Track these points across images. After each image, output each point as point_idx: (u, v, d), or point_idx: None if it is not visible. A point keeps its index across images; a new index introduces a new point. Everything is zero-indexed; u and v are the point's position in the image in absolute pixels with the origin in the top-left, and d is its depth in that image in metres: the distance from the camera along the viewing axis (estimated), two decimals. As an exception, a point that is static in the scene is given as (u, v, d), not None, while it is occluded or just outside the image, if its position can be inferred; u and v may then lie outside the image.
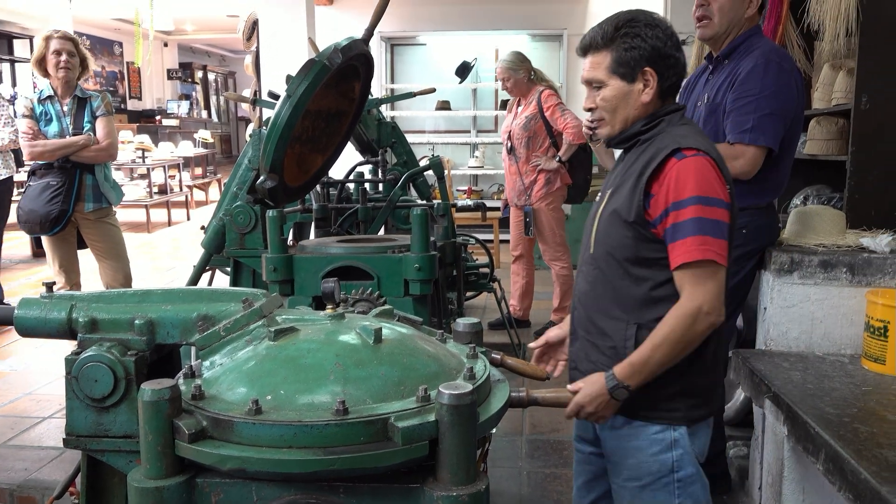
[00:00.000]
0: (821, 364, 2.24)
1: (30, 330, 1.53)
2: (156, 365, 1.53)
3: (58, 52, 3.90)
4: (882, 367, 2.14)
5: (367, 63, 2.86)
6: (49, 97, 3.97)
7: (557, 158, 4.54)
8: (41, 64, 3.96)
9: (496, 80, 8.79)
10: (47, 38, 3.92)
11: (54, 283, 1.61)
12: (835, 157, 3.23)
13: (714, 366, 1.70)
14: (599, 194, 1.79)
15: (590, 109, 1.71)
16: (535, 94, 4.66)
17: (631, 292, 1.63)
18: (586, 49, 1.68)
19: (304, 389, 1.26)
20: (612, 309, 1.66)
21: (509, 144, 4.70)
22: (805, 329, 2.39)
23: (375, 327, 1.39)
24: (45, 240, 4.04)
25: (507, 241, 5.18)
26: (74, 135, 3.93)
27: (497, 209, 6.03)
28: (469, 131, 8.96)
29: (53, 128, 3.94)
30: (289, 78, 2.74)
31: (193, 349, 1.48)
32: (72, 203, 3.90)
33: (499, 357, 1.69)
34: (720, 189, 1.56)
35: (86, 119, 3.99)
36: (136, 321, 1.47)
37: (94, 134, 3.97)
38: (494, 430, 1.52)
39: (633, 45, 1.60)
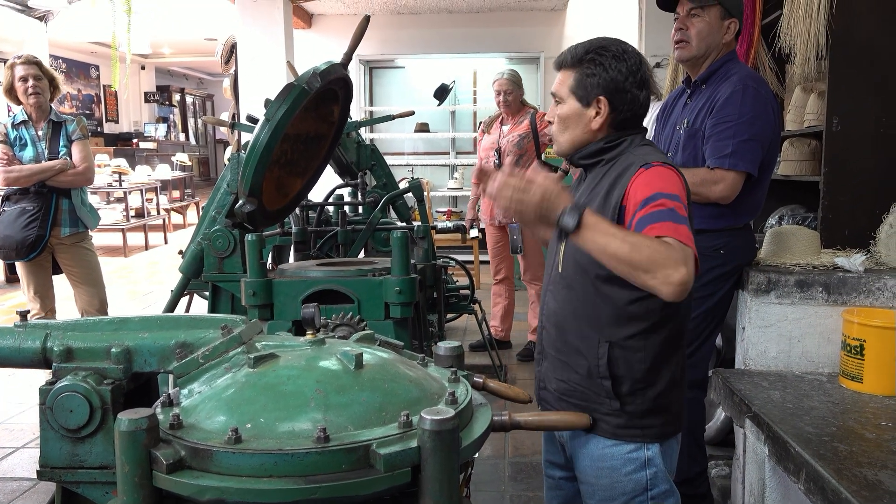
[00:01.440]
0: (799, 383, 2.26)
1: (3, 360, 1.50)
2: (133, 394, 1.50)
3: (24, 79, 3.87)
4: (859, 385, 2.17)
5: (346, 86, 2.86)
6: (23, 122, 3.94)
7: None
8: (11, 92, 3.93)
9: (474, 102, 8.90)
10: (11, 66, 3.90)
11: (28, 311, 1.59)
12: (808, 178, 3.29)
13: (682, 381, 1.73)
14: None
15: (549, 122, 1.77)
16: (525, 114, 4.72)
17: (603, 310, 1.63)
18: (559, 65, 1.73)
19: (285, 417, 1.24)
20: (584, 327, 1.66)
21: (496, 161, 4.71)
22: (783, 348, 2.41)
23: (356, 353, 1.38)
24: (19, 266, 3.98)
25: (488, 262, 5.19)
26: (50, 159, 3.89)
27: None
28: (448, 153, 9.01)
29: (28, 153, 3.90)
30: (267, 102, 2.74)
31: (171, 377, 1.46)
32: (48, 228, 3.85)
33: (481, 381, 1.68)
34: (684, 194, 1.55)
35: (61, 143, 3.96)
36: (113, 349, 1.44)
37: (70, 158, 3.94)
38: (477, 455, 1.51)
39: (594, 72, 1.64)
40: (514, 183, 1.50)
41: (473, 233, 5.17)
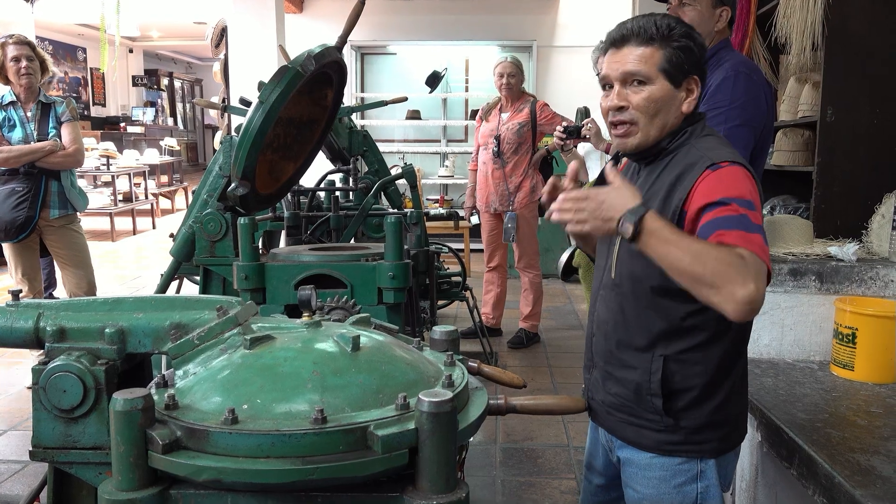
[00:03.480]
0: (791, 370, 2.27)
1: None
2: (126, 375, 1.49)
3: (16, 59, 3.83)
4: (851, 373, 2.18)
5: (340, 71, 2.84)
6: (11, 102, 3.88)
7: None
8: (1, 72, 3.87)
9: (466, 90, 8.86)
10: (3, 45, 3.84)
11: (20, 290, 1.56)
12: (801, 168, 3.30)
13: (744, 390, 1.59)
14: None
15: (619, 108, 1.48)
16: (525, 102, 4.72)
17: (658, 322, 1.48)
18: (628, 39, 1.47)
19: (281, 398, 1.23)
20: (637, 339, 1.51)
21: (495, 148, 4.69)
22: (776, 336, 2.42)
23: (353, 335, 1.37)
24: (6, 247, 3.94)
25: (478, 251, 5.18)
26: (39, 140, 3.84)
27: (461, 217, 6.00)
28: (439, 141, 8.98)
29: (17, 133, 3.85)
30: (261, 84, 2.71)
31: (165, 358, 1.45)
32: (38, 209, 3.82)
33: (476, 365, 1.68)
34: (757, 199, 1.40)
35: (50, 125, 3.91)
36: (107, 330, 1.43)
37: (60, 140, 3.89)
38: (471, 439, 1.50)
39: (688, 46, 1.45)
40: (575, 195, 1.39)
41: (475, 220, 5.14)
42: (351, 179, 3.91)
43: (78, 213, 4.03)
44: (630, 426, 1.56)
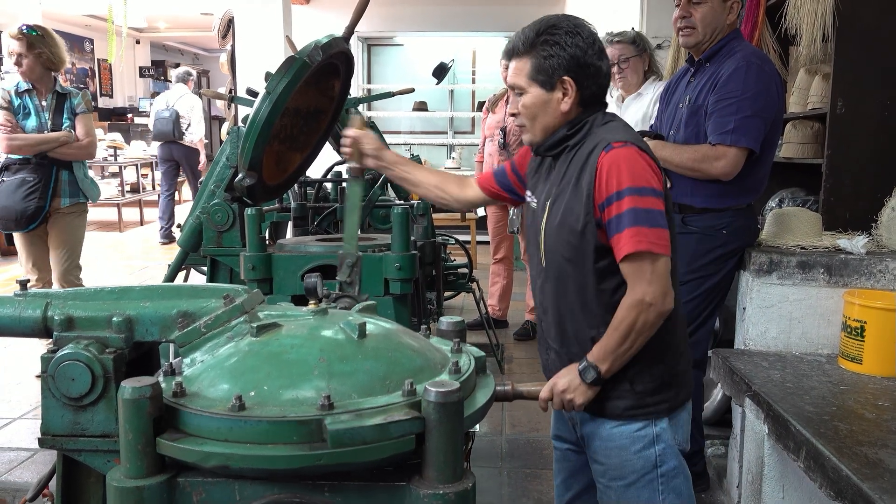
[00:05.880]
0: (799, 363, 2.26)
1: (3, 329, 1.48)
2: (134, 363, 1.49)
3: (10, 53, 3.86)
4: (859, 366, 2.17)
5: (348, 61, 2.83)
6: (27, 90, 3.90)
7: None
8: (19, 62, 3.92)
9: (473, 82, 8.83)
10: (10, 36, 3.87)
11: (28, 280, 1.57)
12: (810, 161, 3.28)
13: (685, 349, 1.73)
14: (534, 204, 1.75)
15: (514, 114, 1.70)
16: None
17: (595, 301, 1.61)
18: (509, 54, 1.65)
19: (288, 385, 1.24)
20: (579, 317, 1.65)
21: (501, 140, 4.68)
22: (783, 329, 2.42)
23: (359, 322, 1.37)
24: (17, 237, 3.95)
25: (485, 242, 5.17)
26: (53, 131, 3.85)
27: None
28: (446, 132, 8.96)
29: (32, 122, 3.86)
30: (268, 75, 2.70)
31: (172, 347, 1.45)
32: (48, 199, 3.83)
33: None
34: (650, 177, 1.54)
35: (65, 115, 3.93)
36: (114, 318, 1.43)
37: (74, 131, 3.90)
38: (477, 428, 1.51)
39: (552, 52, 1.58)
40: (556, 397, 1.62)
41: (480, 212, 5.14)
42: (358, 170, 3.90)
43: (88, 204, 4.04)
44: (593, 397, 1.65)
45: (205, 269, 3.18)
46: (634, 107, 3.57)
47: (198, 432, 1.19)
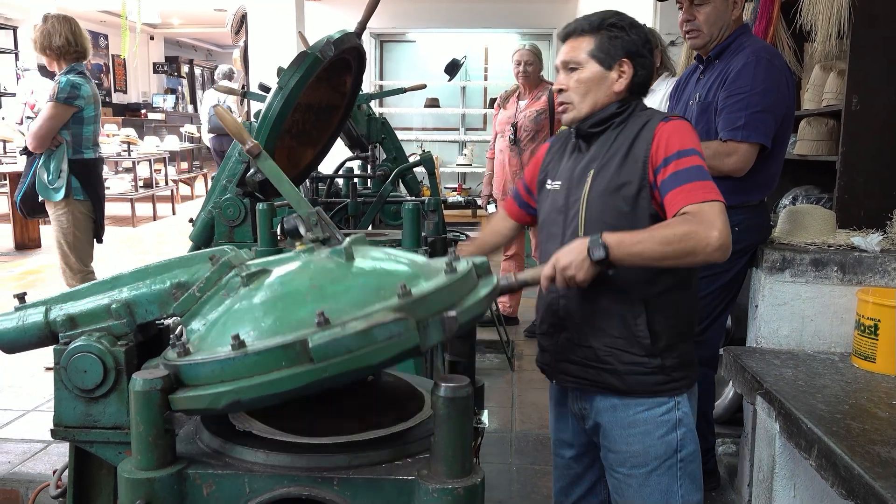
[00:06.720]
0: (812, 362, 2.25)
1: (11, 343, 1.48)
2: (144, 347, 1.49)
3: None
4: (872, 365, 2.16)
5: (359, 57, 2.83)
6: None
7: None
8: None
9: (485, 79, 8.82)
10: None
11: (25, 293, 1.56)
12: (825, 158, 3.25)
13: (693, 332, 1.77)
14: (556, 186, 1.78)
15: (560, 90, 1.76)
16: (543, 90, 4.69)
17: (635, 270, 1.61)
18: (569, 34, 1.75)
19: (283, 315, 1.23)
20: (614, 289, 1.64)
21: (512, 136, 4.68)
22: (796, 327, 2.40)
23: (344, 246, 1.34)
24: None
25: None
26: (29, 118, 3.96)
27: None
28: (457, 129, 8.96)
29: None
30: (280, 70, 2.71)
31: (172, 322, 1.45)
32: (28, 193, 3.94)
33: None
34: (699, 147, 1.65)
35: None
36: (113, 306, 1.43)
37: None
38: (486, 425, 1.49)
39: (617, 35, 1.70)
40: (559, 273, 1.56)
41: (491, 208, 5.14)
42: (369, 167, 3.91)
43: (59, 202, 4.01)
44: (615, 375, 1.67)
45: (216, 263, 3.19)
46: (646, 103, 3.55)
47: (206, 380, 1.18)
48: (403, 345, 1.13)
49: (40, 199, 3.91)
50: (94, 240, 4.09)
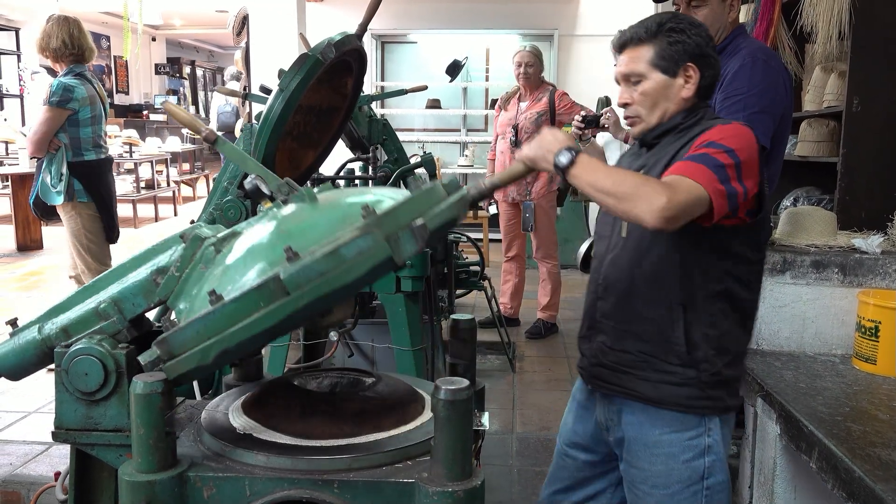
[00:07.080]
0: (812, 364, 2.25)
1: (14, 368, 1.50)
2: (140, 342, 1.49)
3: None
4: (873, 367, 2.16)
5: (360, 59, 2.84)
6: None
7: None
8: None
9: (486, 80, 8.82)
10: None
11: (16, 318, 1.57)
12: (825, 159, 3.25)
13: (743, 356, 1.67)
14: None
15: (625, 105, 1.66)
16: (544, 91, 4.68)
17: (675, 272, 1.55)
18: (626, 44, 1.64)
19: (253, 264, 1.25)
20: (655, 291, 1.57)
21: (513, 138, 4.68)
22: (796, 329, 2.40)
23: (307, 191, 1.36)
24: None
25: (497, 240, 5.17)
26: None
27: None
28: (459, 130, 8.95)
29: None
30: (281, 72, 2.72)
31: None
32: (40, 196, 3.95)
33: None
34: (748, 154, 1.51)
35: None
36: (101, 307, 1.44)
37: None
38: (486, 427, 1.49)
39: (678, 39, 1.59)
40: (526, 151, 1.53)
41: (493, 210, 5.14)
42: (370, 168, 3.92)
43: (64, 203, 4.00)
44: (647, 382, 1.59)
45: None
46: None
47: (194, 341, 1.20)
48: (375, 257, 1.14)
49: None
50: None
